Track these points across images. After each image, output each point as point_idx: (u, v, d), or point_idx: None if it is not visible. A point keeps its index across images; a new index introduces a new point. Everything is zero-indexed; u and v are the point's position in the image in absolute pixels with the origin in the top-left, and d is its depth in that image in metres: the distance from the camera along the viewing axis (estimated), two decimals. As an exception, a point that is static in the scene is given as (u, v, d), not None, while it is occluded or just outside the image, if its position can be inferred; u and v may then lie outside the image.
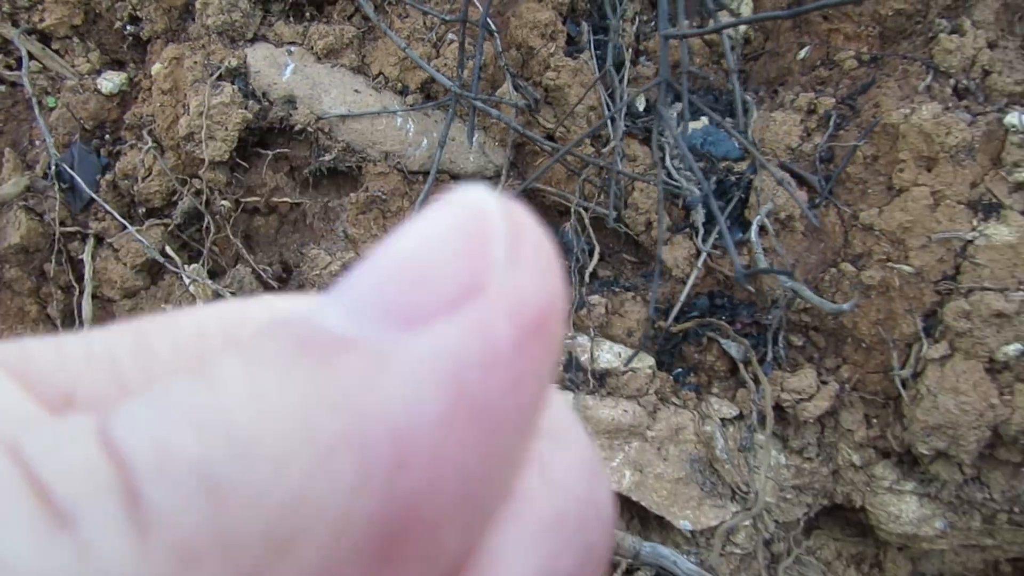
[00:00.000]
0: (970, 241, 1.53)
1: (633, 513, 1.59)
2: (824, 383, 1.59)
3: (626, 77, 1.86)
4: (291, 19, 1.73)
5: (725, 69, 1.92)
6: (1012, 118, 1.60)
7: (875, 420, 1.59)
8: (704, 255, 1.66)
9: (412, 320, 0.20)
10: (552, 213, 1.81)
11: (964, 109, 1.66)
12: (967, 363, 1.48)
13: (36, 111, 1.68)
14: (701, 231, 1.62)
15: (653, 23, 2.05)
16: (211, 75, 1.61)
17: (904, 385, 1.53)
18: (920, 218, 1.57)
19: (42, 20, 1.76)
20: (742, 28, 1.97)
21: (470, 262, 0.21)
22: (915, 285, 1.55)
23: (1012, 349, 1.46)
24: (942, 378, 1.48)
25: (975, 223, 1.54)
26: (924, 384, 1.50)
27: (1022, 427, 1.43)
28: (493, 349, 0.19)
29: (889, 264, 1.57)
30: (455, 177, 1.72)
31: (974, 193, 1.58)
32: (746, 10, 1.95)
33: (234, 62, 1.63)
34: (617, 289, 1.68)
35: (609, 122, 1.75)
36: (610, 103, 1.79)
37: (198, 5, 1.71)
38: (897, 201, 1.60)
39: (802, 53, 1.91)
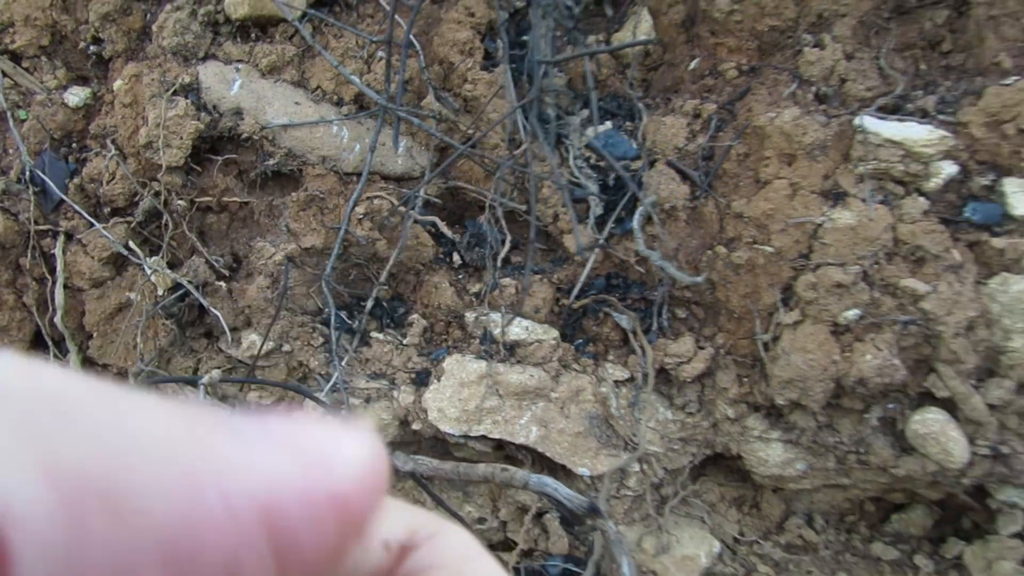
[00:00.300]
0: (820, 225, 1.81)
1: (541, 464, 1.85)
2: (701, 348, 1.86)
3: (537, 86, 2.11)
4: (238, 40, 1.96)
5: (629, 80, 2.19)
6: (860, 120, 1.88)
7: (745, 379, 1.87)
8: (600, 243, 1.92)
9: None
10: (473, 208, 2.06)
11: (822, 112, 1.94)
12: (814, 327, 1.76)
13: (10, 123, 1.90)
14: (591, 221, 1.88)
15: (567, 38, 2.30)
16: (167, 90, 1.84)
17: (765, 347, 1.80)
18: (780, 206, 1.85)
19: (13, 42, 1.97)
20: (640, 39, 2.23)
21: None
22: (775, 263, 1.83)
23: (851, 314, 1.74)
24: (794, 340, 1.76)
25: (825, 209, 1.82)
26: (780, 346, 1.78)
27: (859, 378, 1.71)
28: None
29: (755, 246, 1.85)
30: (385, 177, 1.96)
31: (826, 184, 1.86)
32: (645, 26, 2.22)
33: (187, 79, 1.86)
34: (527, 272, 1.94)
35: (522, 127, 2.00)
36: (526, 112, 2.05)
37: (155, 28, 1.94)
38: (762, 192, 1.88)
39: (692, 64, 2.18)
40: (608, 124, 2.15)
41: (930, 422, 1.74)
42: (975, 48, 2.01)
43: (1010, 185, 1.83)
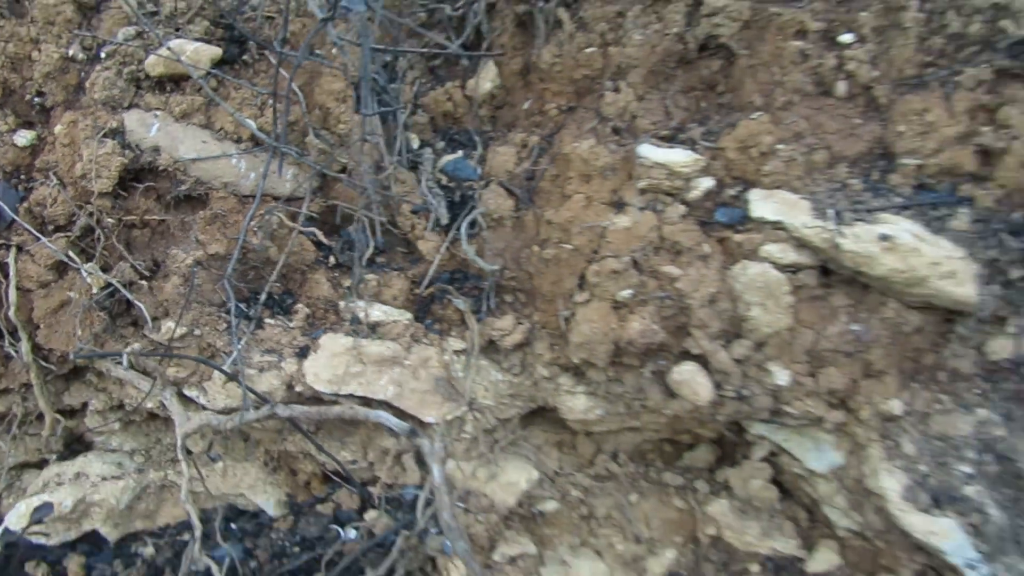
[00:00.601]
0: (605, 227, 2.39)
1: (398, 415, 2.38)
2: (520, 323, 2.43)
3: (401, 125, 2.67)
4: (156, 92, 2.48)
5: (478, 116, 2.77)
6: (639, 147, 2.48)
7: (555, 346, 2.44)
8: (446, 245, 2.48)
9: None
10: (348, 220, 2.61)
11: (614, 142, 2.54)
12: (599, 304, 2.34)
13: (-29, 161, 2.38)
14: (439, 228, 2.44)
15: (429, 84, 2.86)
16: (98, 133, 2.35)
17: (566, 321, 2.38)
18: (578, 214, 2.43)
19: (-29, 95, 2.46)
20: (488, 86, 2.81)
21: None
22: (574, 257, 2.41)
23: (625, 293, 2.32)
24: (585, 314, 2.34)
25: (610, 216, 2.41)
26: (575, 319, 2.35)
27: (629, 341, 2.29)
28: None
29: (560, 245, 2.43)
30: (275, 198, 2.50)
31: (613, 197, 2.45)
32: (491, 74, 2.79)
33: (114, 124, 2.38)
34: (388, 270, 2.49)
35: (385, 157, 2.56)
36: (387, 146, 2.60)
37: (88, 83, 2.45)
38: (566, 204, 2.46)
39: (525, 105, 2.77)
40: (459, 153, 2.72)
41: (684, 372, 2.33)
42: (738, 90, 2.63)
43: (753, 195, 2.44)
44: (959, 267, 2.19)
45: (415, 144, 2.71)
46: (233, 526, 2.31)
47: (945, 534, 2.06)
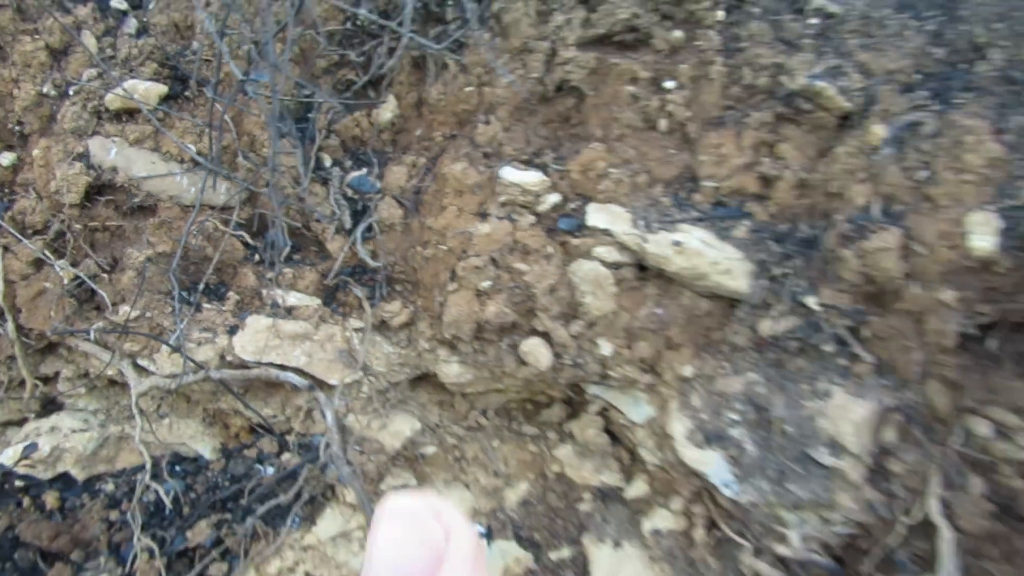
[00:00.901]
0: (472, 233, 3.06)
1: (309, 378, 3.04)
2: (406, 307, 3.10)
3: (316, 147, 3.31)
4: (114, 122, 3.09)
5: (380, 138, 3.41)
6: (502, 170, 3.15)
7: (433, 325, 3.11)
8: (348, 246, 3.14)
9: None
10: (270, 225, 3.24)
11: (483, 165, 3.21)
12: (465, 292, 3.02)
13: (-37, 177, 2.97)
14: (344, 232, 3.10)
15: (341, 114, 3.50)
16: (68, 156, 2.96)
17: (440, 306, 3.05)
18: (452, 222, 3.10)
19: (-38, 123, 3.04)
20: (388, 115, 3.46)
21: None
22: (448, 256, 3.08)
23: (485, 284, 3.00)
24: (454, 301, 3.02)
25: (476, 224, 3.08)
26: (447, 304, 3.03)
27: (487, 321, 2.97)
28: None
29: (437, 246, 3.10)
30: (212, 207, 3.13)
31: (479, 209, 3.12)
32: (392, 105, 3.44)
33: (80, 149, 2.98)
34: (302, 265, 3.14)
35: (301, 174, 3.20)
36: (304, 164, 3.24)
37: (59, 116, 3.05)
38: (442, 214, 3.13)
39: (418, 132, 3.43)
40: (363, 170, 3.37)
41: (531, 344, 3.01)
42: (585, 123, 3.31)
43: (589, 208, 3.12)
44: (735, 266, 2.90)
45: (327, 163, 3.36)
46: (177, 468, 2.94)
47: (711, 463, 2.77)
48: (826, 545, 2.66)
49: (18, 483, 2.80)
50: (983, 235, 2.48)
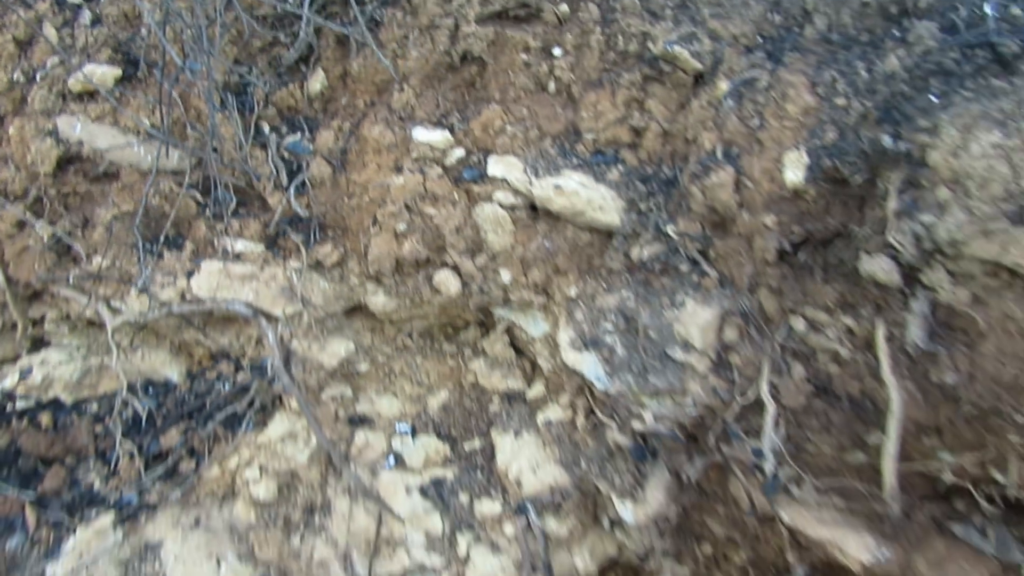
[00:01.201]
0: (390, 185, 3.63)
1: (256, 311, 3.63)
2: (336, 249, 3.68)
3: (256, 116, 3.84)
4: (78, 102, 3.61)
5: (312, 106, 3.95)
6: (415, 131, 3.71)
7: (361, 263, 3.69)
8: (285, 199, 3.70)
9: None
10: (218, 185, 3.79)
11: (398, 126, 3.76)
12: (385, 235, 3.59)
13: (-49, 154, 3.50)
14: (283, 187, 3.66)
15: (278, 86, 4.03)
16: (40, 133, 3.48)
17: (365, 248, 3.63)
18: (372, 176, 3.66)
19: (-54, 107, 3.55)
20: (317, 86, 3.99)
21: None
22: (370, 205, 3.65)
23: (401, 227, 3.58)
24: (376, 242, 3.59)
25: (392, 177, 3.64)
26: (371, 245, 3.61)
27: (403, 257, 3.55)
28: None
29: (361, 197, 3.66)
30: (167, 172, 3.67)
31: (395, 164, 3.68)
32: (321, 76, 3.97)
33: (50, 126, 3.51)
34: (247, 217, 3.70)
35: (242, 139, 3.74)
36: (245, 132, 3.78)
37: (29, 99, 3.56)
38: (364, 169, 3.69)
39: (344, 100, 3.97)
40: (298, 135, 3.92)
41: (442, 276, 3.60)
42: (486, 88, 3.86)
43: (490, 160, 3.69)
44: (608, 203, 3.49)
45: (266, 130, 3.90)
46: (150, 390, 3.54)
47: (588, 363, 3.40)
48: (680, 424, 3.30)
49: (19, 405, 3.39)
50: (795, 170, 3.08)
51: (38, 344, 3.62)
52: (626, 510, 3.23)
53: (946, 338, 2.92)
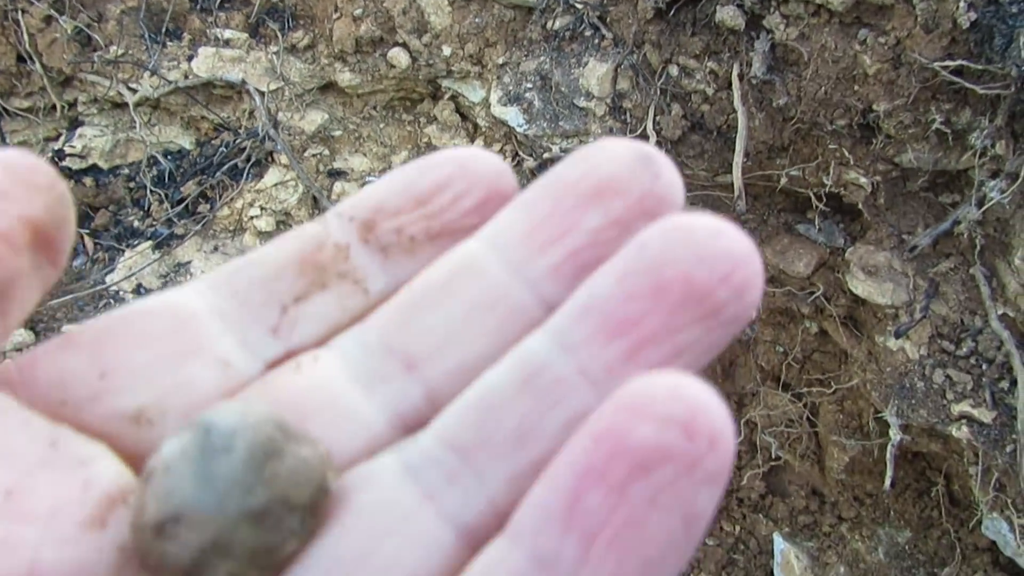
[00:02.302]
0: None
1: (246, 83, 4.48)
2: (307, 34, 4.48)
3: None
4: None
5: None
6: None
7: (328, 46, 4.50)
8: (262, -7, 4.46)
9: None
10: None
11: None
12: (345, 19, 4.37)
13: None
14: None
15: None
16: (52, -59, 4.20)
17: (330, 31, 4.42)
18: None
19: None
20: None
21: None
22: (331, -6, 4.40)
23: (358, 11, 4.35)
24: (338, 26, 4.38)
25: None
26: (334, 29, 4.40)
27: (362, 37, 4.35)
28: None
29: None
30: None
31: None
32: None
33: (60, -65, 4.22)
34: (232, 10, 4.48)
35: None
36: None
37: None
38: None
39: None
40: None
41: (394, 51, 4.42)
42: None
43: None
44: (527, -18, 4.25)
45: None
46: (168, 156, 4.45)
47: (511, 114, 4.27)
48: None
49: (63, 168, 4.32)
50: (670, -61, 3.80)
51: (74, 123, 4.51)
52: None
53: (781, 69, 3.79)
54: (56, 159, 4.31)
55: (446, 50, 4.42)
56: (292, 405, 0.28)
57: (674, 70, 4.07)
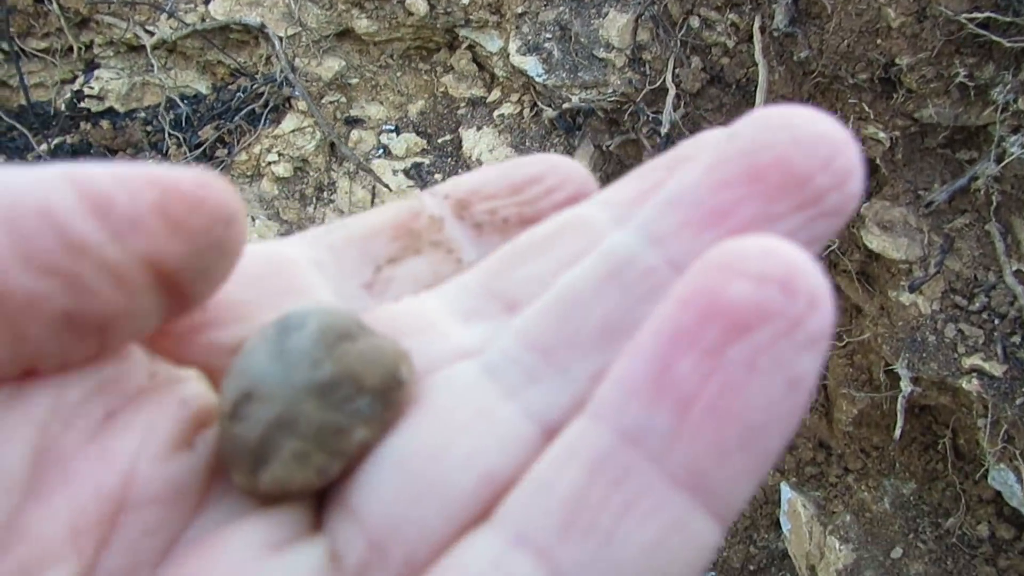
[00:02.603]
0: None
1: (264, 26, 4.46)
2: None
3: None
4: None
5: None
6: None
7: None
8: None
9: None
10: None
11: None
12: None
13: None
14: None
15: None
16: None
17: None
18: None
19: None
20: None
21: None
22: None
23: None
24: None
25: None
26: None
27: (380, -18, 4.31)
28: None
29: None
30: None
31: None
32: None
33: None
34: None
35: None
36: None
37: None
38: None
39: None
40: None
41: (412, -2, 4.39)
42: None
43: None
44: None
45: None
46: (185, 100, 4.45)
47: (530, 64, 4.25)
48: (604, 108, 4.21)
49: (81, 109, 4.32)
50: None
51: (90, 66, 4.50)
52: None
53: (803, 22, 3.76)
54: (75, 100, 4.31)
55: (465, -3, 4.39)
56: (386, 322, 0.27)
57: (695, 22, 4.04)
